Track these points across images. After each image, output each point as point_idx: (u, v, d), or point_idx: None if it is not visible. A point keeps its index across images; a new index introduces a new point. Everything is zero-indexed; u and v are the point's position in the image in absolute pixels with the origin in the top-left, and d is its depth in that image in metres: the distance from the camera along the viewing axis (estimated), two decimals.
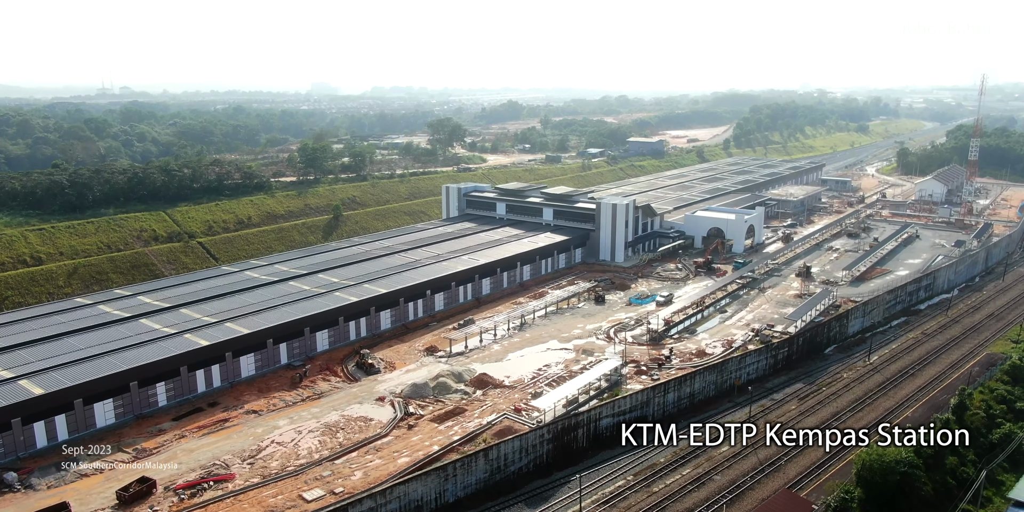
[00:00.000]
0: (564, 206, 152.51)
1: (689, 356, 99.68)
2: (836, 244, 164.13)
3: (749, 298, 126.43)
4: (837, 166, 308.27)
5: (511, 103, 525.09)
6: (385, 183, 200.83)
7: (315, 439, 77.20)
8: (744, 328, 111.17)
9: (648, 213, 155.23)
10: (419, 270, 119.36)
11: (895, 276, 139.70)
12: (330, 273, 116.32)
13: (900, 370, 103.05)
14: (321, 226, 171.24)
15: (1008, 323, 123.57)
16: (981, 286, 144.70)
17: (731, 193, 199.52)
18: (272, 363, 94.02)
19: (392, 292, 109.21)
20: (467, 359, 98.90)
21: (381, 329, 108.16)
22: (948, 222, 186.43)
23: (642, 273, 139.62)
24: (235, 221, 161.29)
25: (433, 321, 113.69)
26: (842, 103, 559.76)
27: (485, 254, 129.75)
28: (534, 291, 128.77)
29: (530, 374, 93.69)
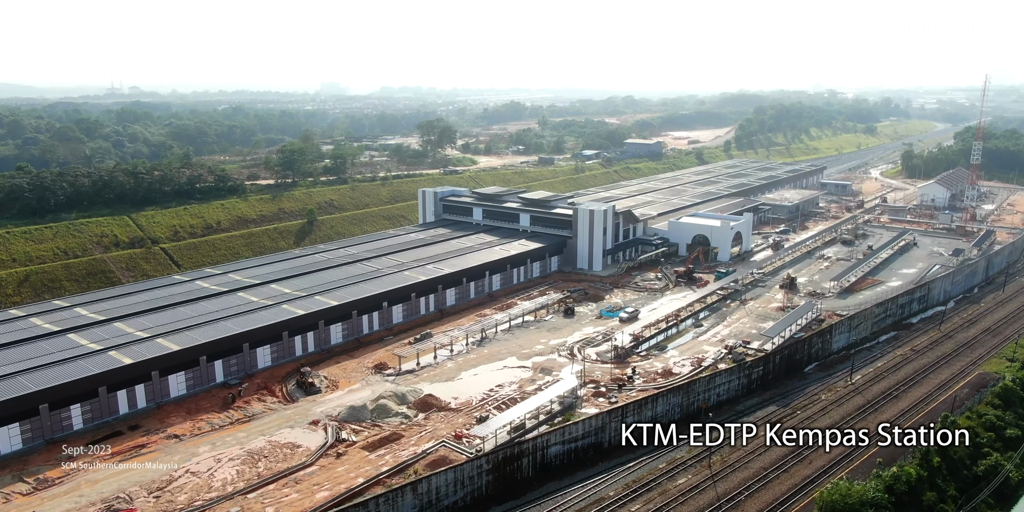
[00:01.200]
0: (541, 212, 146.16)
1: (654, 376, 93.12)
2: (828, 252, 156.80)
3: (729, 311, 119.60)
4: (840, 169, 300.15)
5: (513, 103, 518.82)
6: (365, 186, 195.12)
7: (233, 468, 71.32)
8: (718, 344, 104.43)
9: (629, 219, 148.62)
10: (378, 280, 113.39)
11: (887, 287, 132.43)
12: (283, 283, 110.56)
13: (883, 391, 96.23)
14: (294, 231, 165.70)
15: (1005, 339, 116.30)
16: (979, 298, 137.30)
17: (723, 197, 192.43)
18: (205, 382, 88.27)
19: (344, 305, 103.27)
20: (416, 378, 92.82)
21: (331, 344, 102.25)
22: (949, 228, 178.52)
23: (619, 283, 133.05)
24: (203, 226, 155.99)
25: (390, 335, 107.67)
26: (851, 104, 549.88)
27: (451, 263, 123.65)
28: (503, 302, 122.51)
29: (480, 395, 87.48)
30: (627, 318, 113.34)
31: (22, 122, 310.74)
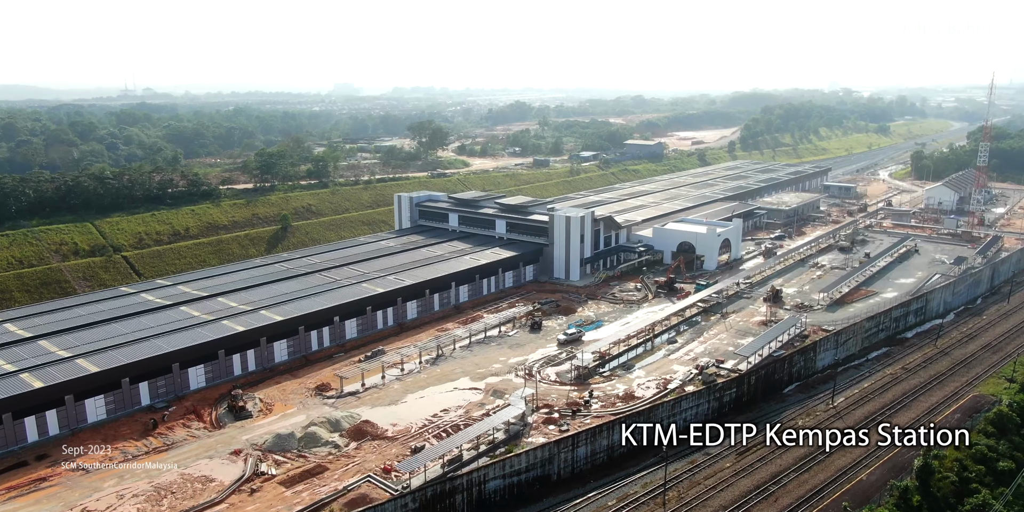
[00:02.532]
0: (517, 218, 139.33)
1: (613, 400, 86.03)
2: (823, 260, 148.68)
3: (708, 325, 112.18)
4: (848, 170, 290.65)
5: (519, 104, 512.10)
6: (347, 190, 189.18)
7: (134, 507, 65.17)
8: (690, 363, 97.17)
9: (611, 225, 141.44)
10: (332, 293, 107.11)
11: (880, 299, 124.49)
12: (232, 296, 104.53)
13: (866, 416, 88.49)
14: (266, 238, 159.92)
15: (1005, 356, 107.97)
16: (982, 309, 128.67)
17: (718, 201, 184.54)
18: (128, 405, 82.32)
19: (290, 320, 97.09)
20: (358, 401, 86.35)
21: (275, 362, 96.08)
22: (954, 234, 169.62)
23: (596, 294, 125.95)
24: (170, 233, 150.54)
25: (341, 352, 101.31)
26: (865, 103, 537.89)
27: (415, 274, 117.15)
28: (469, 315, 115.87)
29: (421, 421, 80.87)
30: (567, 340, 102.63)
31: (16, 125, 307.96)
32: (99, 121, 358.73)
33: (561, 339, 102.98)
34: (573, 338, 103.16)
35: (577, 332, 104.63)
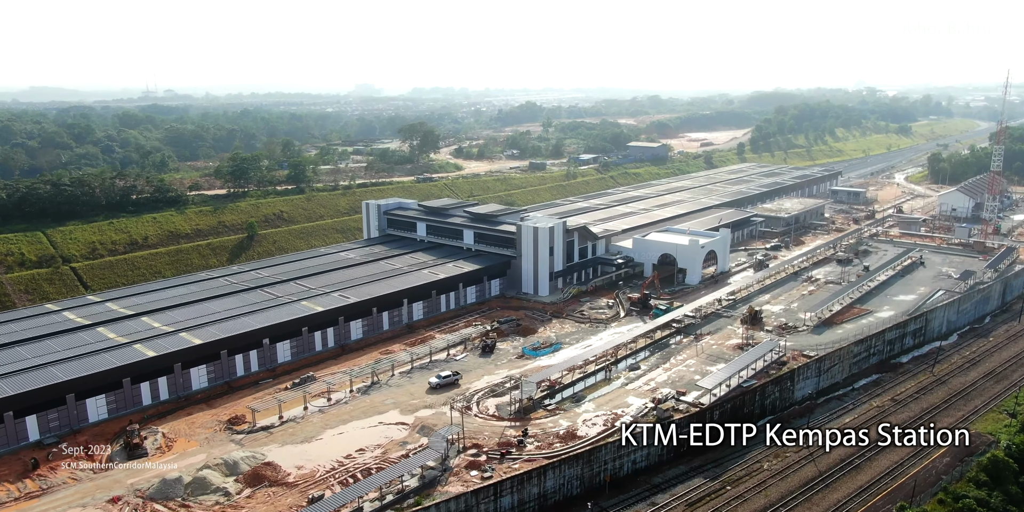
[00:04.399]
0: (485, 228, 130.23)
1: (552, 439, 76.65)
2: (818, 273, 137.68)
3: (677, 348, 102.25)
4: (861, 173, 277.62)
5: (529, 104, 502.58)
6: (323, 196, 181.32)
7: None
8: (649, 394, 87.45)
9: (587, 236, 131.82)
10: (268, 312, 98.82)
11: (875, 319, 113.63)
12: (158, 315, 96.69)
13: (844, 459, 78.42)
14: (230, 247, 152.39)
15: (1010, 385, 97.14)
16: (989, 330, 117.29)
17: (713, 208, 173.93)
18: (12, 441, 74.66)
19: (211, 343, 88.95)
20: (269, 437, 77.87)
21: (192, 390, 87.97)
22: (966, 244, 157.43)
23: (564, 311, 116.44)
24: (127, 242, 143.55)
25: (270, 377, 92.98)
26: (887, 102, 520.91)
27: (362, 290, 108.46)
28: (421, 335, 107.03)
29: (331, 463, 72.15)
30: (439, 384, 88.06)
31: (12, 127, 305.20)
32: (100, 123, 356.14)
33: (433, 383, 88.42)
34: (447, 382, 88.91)
35: (451, 375, 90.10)
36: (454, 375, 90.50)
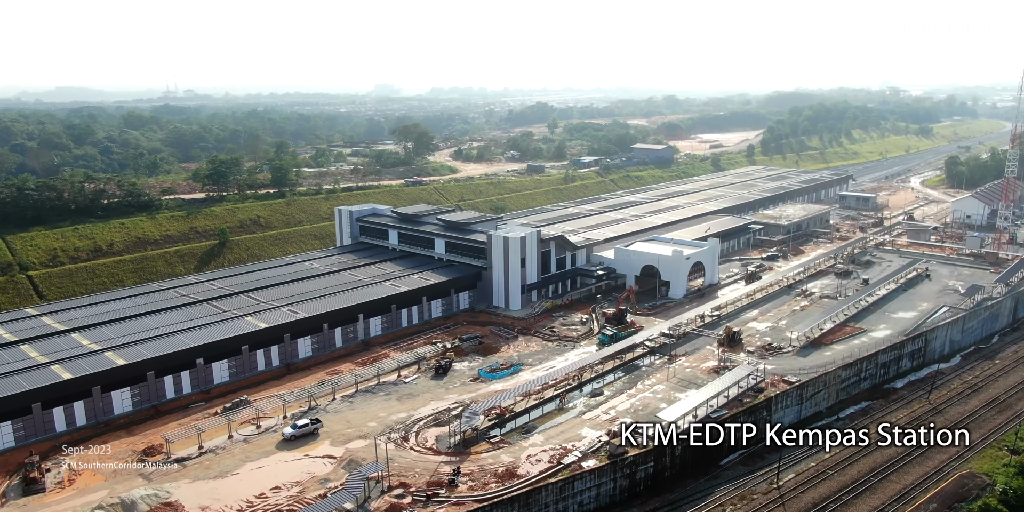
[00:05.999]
0: (457, 237, 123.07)
1: (488, 479, 69.22)
2: (814, 286, 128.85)
3: (649, 371, 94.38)
4: (875, 176, 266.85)
5: (540, 105, 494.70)
6: (304, 200, 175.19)
7: None
8: (607, 425, 79.80)
9: (565, 246, 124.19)
10: (206, 329, 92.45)
11: (869, 338, 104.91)
12: (88, 332, 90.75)
13: (815, 503, 70.36)
14: (199, 254, 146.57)
15: (1014, 416, 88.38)
16: (996, 351, 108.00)
17: (710, 214, 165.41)
18: None
19: (135, 364, 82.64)
20: (182, 470, 71.24)
21: (115, 414, 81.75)
22: (977, 255, 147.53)
23: (533, 327, 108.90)
24: (91, 249, 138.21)
25: (203, 400, 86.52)
26: (909, 102, 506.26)
27: (314, 305, 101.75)
28: (375, 353, 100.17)
29: (240, 504, 65.31)
30: (293, 436, 75.45)
31: (12, 128, 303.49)
32: (106, 124, 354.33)
33: (287, 434, 75.76)
34: (303, 433, 76.11)
35: (308, 424, 76.93)
36: (313, 423, 77.36)
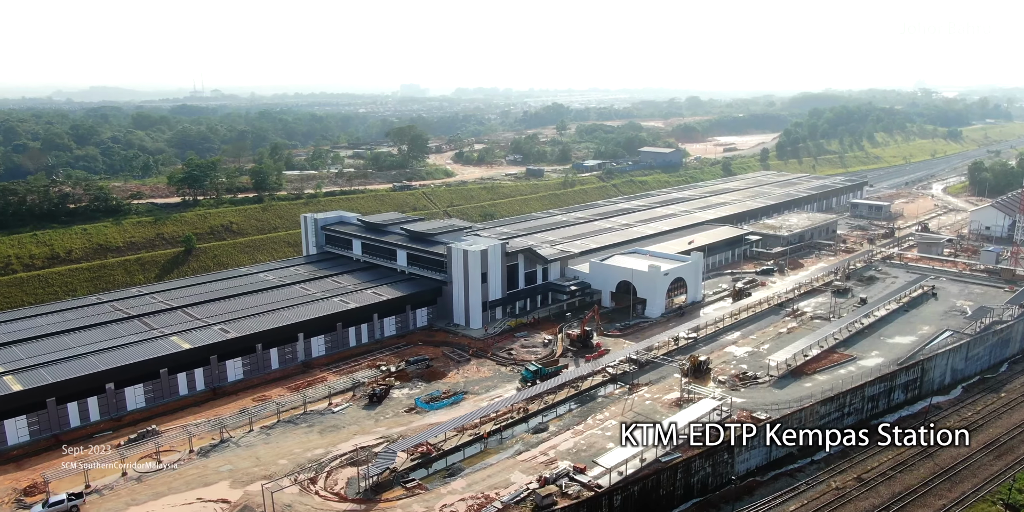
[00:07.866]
0: (419, 249, 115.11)
1: None
2: (807, 305, 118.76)
3: (605, 402, 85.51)
4: (894, 182, 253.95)
5: (555, 106, 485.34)
6: (282, 206, 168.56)
7: None
8: (543, 468, 71.18)
9: (535, 259, 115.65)
10: (124, 349, 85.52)
11: (857, 367, 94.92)
12: None
13: None
14: (163, 262, 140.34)
15: (1015, 461, 78.09)
16: (1003, 382, 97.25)
17: (706, 224, 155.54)
18: None
19: (32, 390, 75.90)
20: None
21: (7, 444, 75.06)
22: (992, 271, 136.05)
23: (490, 348, 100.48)
24: (48, 256, 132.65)
25: (111, 428, 79.56)
26: (941, 104, 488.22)
27: (250, 323, 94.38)
28: (314, 375, 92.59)
29: None
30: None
31: (16, 128, 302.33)
32: (117, 124, 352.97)
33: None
34: (60, 506, 62.72)
35: (68, 500, 63.10)
36: (72, 499, 63.45)
